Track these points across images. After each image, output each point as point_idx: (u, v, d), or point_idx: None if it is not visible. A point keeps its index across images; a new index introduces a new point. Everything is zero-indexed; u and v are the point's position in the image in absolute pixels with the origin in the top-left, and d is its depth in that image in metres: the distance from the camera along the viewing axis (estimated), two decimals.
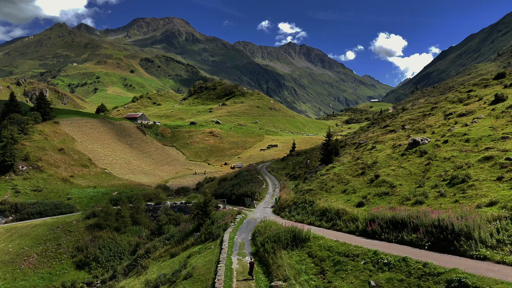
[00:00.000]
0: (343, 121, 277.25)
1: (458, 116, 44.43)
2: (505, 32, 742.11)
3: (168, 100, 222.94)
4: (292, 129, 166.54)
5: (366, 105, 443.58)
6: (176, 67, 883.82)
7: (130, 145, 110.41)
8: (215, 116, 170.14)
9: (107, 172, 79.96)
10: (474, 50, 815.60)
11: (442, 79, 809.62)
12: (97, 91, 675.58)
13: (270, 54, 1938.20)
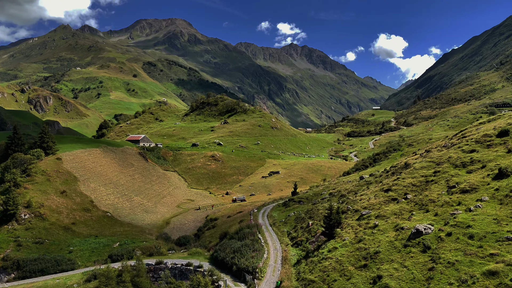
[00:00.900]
0: (345, 134, 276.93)
1: (461, 192, 44.21)
2: (507, 36, 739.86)
3: (170, 116, 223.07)
4: (294, 150, 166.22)
5: (367, 113, 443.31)
6: (178, 71, 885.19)
7: (132, 176, 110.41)
8: (216, 136, 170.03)
9: (109, 216, 79.92)
10: (476, 53, 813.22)
11: (444, 83, 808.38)
12: (100, 96, 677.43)
13: (272, 55, 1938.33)
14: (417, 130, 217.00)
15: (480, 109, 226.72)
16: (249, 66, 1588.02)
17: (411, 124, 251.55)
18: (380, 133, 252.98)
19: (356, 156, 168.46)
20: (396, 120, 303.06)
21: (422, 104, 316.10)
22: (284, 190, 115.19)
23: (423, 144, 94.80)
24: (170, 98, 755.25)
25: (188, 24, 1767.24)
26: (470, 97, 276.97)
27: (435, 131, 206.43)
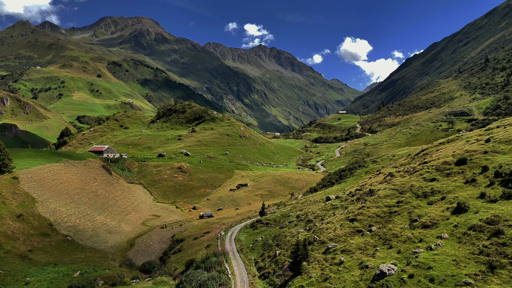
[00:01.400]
0: (312, 139, 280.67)
1: (422, 227, 45.48)
2: (465, 43, 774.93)
3: (136, 122, 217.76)
4: (262, 160, 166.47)
5: (334, 117, 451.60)
6: (144, 71, 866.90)
7: (95, 192, 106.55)
8: (184, 146, 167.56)
9: (69, 240, 76.60)
10: (436, 59, 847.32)
11: (407, 87, 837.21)
12: (62, 97, 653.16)
13: (241, 56, 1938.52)
14: (381, 138, 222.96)
15: (440, 117, 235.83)
16: (218, 66, 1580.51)
17: (375, 131, 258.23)
18: (346, 140, 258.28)
19: (323, 165, 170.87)
20: (361, 126, 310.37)
21: (386, 111, 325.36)
22: (252, 204, 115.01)
23: (387, 161, 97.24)
24: (136, 99, 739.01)
25: (155, 23, 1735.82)
26: (431, 104, 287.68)
27: (398, 139, 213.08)
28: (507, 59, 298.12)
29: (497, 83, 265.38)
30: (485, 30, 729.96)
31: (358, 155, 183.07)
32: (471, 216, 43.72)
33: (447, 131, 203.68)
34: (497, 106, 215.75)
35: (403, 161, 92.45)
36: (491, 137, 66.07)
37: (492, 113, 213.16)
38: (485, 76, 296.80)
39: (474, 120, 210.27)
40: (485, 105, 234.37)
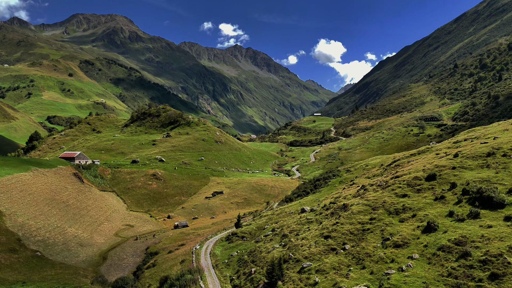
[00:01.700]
0: (287, 143, 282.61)
1: (394, 247, 46.63)
2: (435, 47, 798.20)
3: (109, 126, 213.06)
4: (238, 165, 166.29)
5: (309, 119, 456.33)
6: (118, 71, 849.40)
7: (66, 203, 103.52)
8: (158, 151, 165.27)
9: (39, 256, 74.09)
10: (408, 62, 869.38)
11: (380, 90, 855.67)
12: (31, 96, 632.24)
13: (217, 56, 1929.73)
14: (355, 142, 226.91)
15: (411, 122, 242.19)
16: (193, 66, 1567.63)
17: (349, 135, 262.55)
18: (320, 143, 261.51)
19: (298, 171, 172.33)
20: (335, 129, 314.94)
21: (360, 114, 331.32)
22: (228, 212, 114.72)
23: (360, 171, 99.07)
24: (109, 99, 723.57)
25: (129, 21, 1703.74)
26: (402, 109, 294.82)
27: (371, 143, 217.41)
28: (475, 65, 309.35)
29: (465, 89, 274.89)
30: (454, 35, 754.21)
31: (333, 160, 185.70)
32: (440, 236, 45.14)
33: (418, 136, 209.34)
34: (465, 112, 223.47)
35: (376, 172, 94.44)
36: (459, 151, 68.36)
37: (460, 118, 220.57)
38: (453, 81, 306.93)
39: (444, 125, 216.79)
40: (453, 110, 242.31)
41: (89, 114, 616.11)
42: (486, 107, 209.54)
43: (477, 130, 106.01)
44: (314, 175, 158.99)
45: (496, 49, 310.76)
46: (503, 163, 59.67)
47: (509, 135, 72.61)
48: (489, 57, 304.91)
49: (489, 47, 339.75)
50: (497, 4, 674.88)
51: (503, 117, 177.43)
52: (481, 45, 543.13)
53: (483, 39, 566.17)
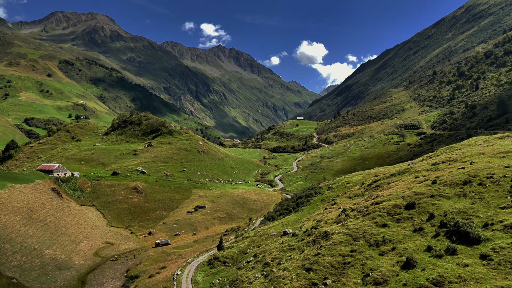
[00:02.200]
0: (270, 149, 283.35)
1: (374, 284, 47.19)
2: (415, 51, 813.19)
3: (89, 134, 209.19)
4: (221, 176, 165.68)
5: (292, 123, 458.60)
6: (99, 71, 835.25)
7: (43, 221, 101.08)
8: (139, 162, 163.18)
9: (15, 283, 72.11)
10: (389, 65, 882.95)
11: (362, 92, 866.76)
12: (7, 97, 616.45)
13: (200, 56, 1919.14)
14: (337, 150, 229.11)
15: (392, 129, 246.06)
16: (176, 66, 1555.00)
17: (331, 142, 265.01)
18: (303, 150, 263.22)
19: (281, 181, 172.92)
20: (318, 135, 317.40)
21: (342, 120, 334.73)
22: (210, 228, 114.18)
23: (341, 189, 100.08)
24: (90, 100, 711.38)
25: (110, 20, 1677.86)
26: (383, 115, 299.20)
27: (352, 151, 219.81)
28: (453, 73, 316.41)
29: (443, 97, 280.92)
30: (433, 39, 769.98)
31: (315, 169, 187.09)
32: (419, 274, 45.90)
33: (398, 145, 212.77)
34: (443, 120, 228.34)
35: (357, 191, 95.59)
36: (437, 177, 69.63)
37: (438, 127, 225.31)
38: (432, 88, 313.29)
39: (423, 133, 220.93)
40: (432, 118, 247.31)
41: (68, 116, 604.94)
42: (463, 116, 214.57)
43: (454, 148, 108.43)
44: (296, 186, 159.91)
45: (473, 57, 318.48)
46: (479, 192, 61.13)
47: (485, 160, 74.45)
48: (466, 65, 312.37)
49: (467, 55, 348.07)
50: (474, 10, 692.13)
51: (479, 128, 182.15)
52: (459, 50, 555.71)
53: (461, 44, 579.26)
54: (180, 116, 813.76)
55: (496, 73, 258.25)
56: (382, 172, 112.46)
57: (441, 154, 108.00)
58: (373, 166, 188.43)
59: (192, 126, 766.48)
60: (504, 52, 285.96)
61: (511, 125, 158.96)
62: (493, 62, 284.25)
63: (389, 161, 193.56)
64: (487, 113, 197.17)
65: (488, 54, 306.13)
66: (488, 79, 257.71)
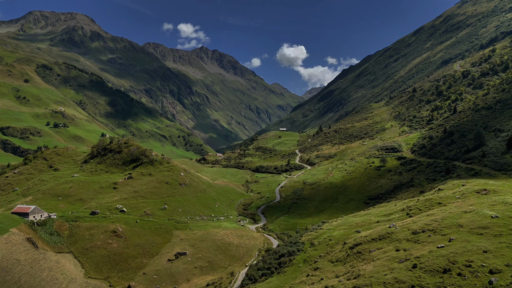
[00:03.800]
0: (253, 168, 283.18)
1: None
2: (396, 59, 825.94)
3: (67, 162, 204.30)
4: (203, 211, 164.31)
5: (275, 135, 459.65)
6: (78, 76, 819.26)
7: (17, 283, 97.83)
8: (119, 198, 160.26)
9: None
10: (370, 72, 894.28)
11: (343, 99, 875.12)
12: None
13: (182, 58, 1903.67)
14: (319, 174, 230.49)
15: (373, 152, 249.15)
16: (158, 68, 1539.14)
17: (313, 163, 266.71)
18: (286, 171, 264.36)
19: (263, 214, 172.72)
20: (300, 153, 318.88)
21: (324, 137, 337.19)
22: (192, 281, 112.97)
23: (324, 247, 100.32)
24: (69, 107, 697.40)
25: (90, 20, 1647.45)
26: (364, 134, 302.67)
27: (334, 176, 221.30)
28: (432, 91, 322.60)
29: (422, 117, 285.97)
30: (413, 48, 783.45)
31: (297, 199, 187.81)
32: None
33: (379, 170, 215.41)
34: (422, 145, 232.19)
35: (339, 254, 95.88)
36: (417, 259, 70.11)
37: (418, 151, 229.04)
38: (412, 107, 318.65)
39: (403, 158, 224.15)
40: (412, 141, 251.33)
41: (46, 124, 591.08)
42: (442, 143, 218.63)
43: (433, 201, 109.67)
44: (279, 222, 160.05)
45: (451, 76, 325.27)
46: (458, 286, 61.93)
47: (464, 239, 75.22)
48: (445, 84, 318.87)
49: (445, 72, 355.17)
50: (452, 20, 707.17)
51: (457, 159, 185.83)
52: (437, 61, 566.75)
53: (439, 55, 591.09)
54: (162, 123, 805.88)
55: (473, 96, 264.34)
56: (363, 223, 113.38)
57: (421, 206, 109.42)
58: (355, 196, 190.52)
59: (174, 133, 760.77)
60: (480, 73, 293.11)
61: (487, 160, 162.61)
62: (470, 83, 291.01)
63: (370, 190, 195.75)
64: (464, 142, 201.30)
65: (465, 73, 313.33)
66: (466, 102, 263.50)
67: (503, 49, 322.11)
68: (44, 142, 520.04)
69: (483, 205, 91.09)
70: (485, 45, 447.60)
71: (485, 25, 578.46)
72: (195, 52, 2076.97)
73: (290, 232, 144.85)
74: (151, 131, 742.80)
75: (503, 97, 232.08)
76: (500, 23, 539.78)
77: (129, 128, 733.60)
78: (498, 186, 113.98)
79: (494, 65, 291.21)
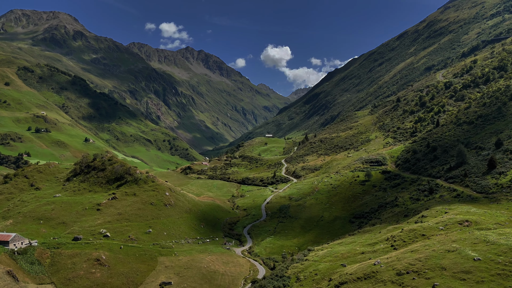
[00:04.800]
0: (239, 180, 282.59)
1: None
2: (380, 63, 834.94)
3: (49, 180, 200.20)
4: (188, 234, 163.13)
5: (261, 141, 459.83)
6: (61, 79, 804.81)
7: None
8: (103, 221, 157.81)
9: None
10: (355, 76, 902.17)
11: (329, 102, 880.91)
12: None
13: (168, 58, 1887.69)
14: (305, 189, 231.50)
15: (358, 164, 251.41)
16: (143, 69, 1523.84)
17: (299, 175, 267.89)
18: (272, 184, 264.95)
19: (249, 235, 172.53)
20: (286, 163, 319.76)
21: (309, 147, 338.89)
22: None
23: (309, 281, 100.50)
24: (51, 111, 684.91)
25: (73, 19, 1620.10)
26: (349, 145, 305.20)
27: (320, 192, 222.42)
28: (415, 101, 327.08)
29: (406, 129, 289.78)
30: (397, 52, 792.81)
31: (283, 218, 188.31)
32: None
33: (364, 185, 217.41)
34: (406, 159, 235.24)
35: None
36: None
37: (402, 166, 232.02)
38: (396, 117, 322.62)
39: (388, 172, 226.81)
40: (396, 154, 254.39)
41: (28, 129, 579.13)
42: (425, 158, 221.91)
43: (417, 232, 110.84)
44: (265, 244, 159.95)
45: (434, 87, 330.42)
46: None
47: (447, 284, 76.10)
48: (428, 94, 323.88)
49: (428, 82, 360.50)
50: (435, 26, 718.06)
51: (440, 176, 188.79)
52: (421, 68, 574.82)
53: (422, 61, 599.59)
54: (147, 127, 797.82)
55: (456, 109, 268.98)
56: (349, 254, 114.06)
57: (406, 238, 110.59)
58: (340, 214, 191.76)
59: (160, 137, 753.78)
60: (462, 85, 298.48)
61: (469, 180, 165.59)
62: (452, 95, 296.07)
63: (355, 207, 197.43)
64: (447, 159, 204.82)
65: (448, 84, 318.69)
66: (448, 114, 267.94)
67: (484, 60, 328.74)
68: (25, 148, 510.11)
69: (466, 242, 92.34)
70: (467, 53, 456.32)
71: (467, 32, 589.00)
72: (180, 53, 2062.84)
73: (276, 256, 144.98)
74: (135, 135, 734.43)
75: (484, 112, 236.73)
76: (482, 30, 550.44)
77: (113, 132, 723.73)
78: (480, 215, 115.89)
79: (476, 77, 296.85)
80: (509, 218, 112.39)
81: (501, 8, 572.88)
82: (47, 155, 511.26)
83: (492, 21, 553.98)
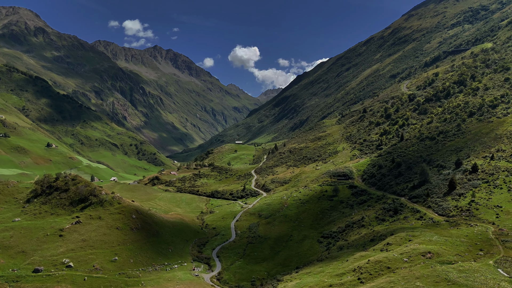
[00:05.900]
0: (209, 193, 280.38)
1: None
2: (347, 68, 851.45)
3: (8, 201, 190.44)
4: (156, 259, 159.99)
5: (231, 148, 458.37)
6: (21, 80, 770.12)
7: None
8: (66, 249, 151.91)
9: None
10: (323, 80, 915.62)
11: (298, 106, 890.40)
12: None
13: (135, 57, 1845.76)
14: (274, 205, 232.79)
15: (325, 178, 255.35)
16: (109, 68, 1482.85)
17: (269, 189, 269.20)
18: (242, 197, 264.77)
19: (218, 258, 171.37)
20: (256, 174, 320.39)
21: (279, 157, 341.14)
22: None
23: None
24: (10, 114, 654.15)
25: (35, 15, 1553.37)
26: (318, 157, 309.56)
27: (289, 208, 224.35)
28: (381, 113, 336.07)
29: (372, 141, 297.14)
30: (363, 57, 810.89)
31: (253, 238, 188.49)
32: None
33: (332, 201, 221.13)
34: (372, 174, 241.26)
35: None
36: None
37: (368, 180, 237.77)
38: (363, 129, 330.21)
39: (354, 187, 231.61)
40: (362, 167, 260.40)
41: None
42: (390, 173, 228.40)
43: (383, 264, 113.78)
44: (234, 269, 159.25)
45: (399, 99, 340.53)
46: None
47: None
48: (393, 106, 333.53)
49: (393, 93, 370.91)
50: (399, 33, 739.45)
51: (404, 195, 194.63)
52: (386, 75, 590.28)
53: (388, 69, 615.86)
54: (113, 130, 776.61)
55: (419, 124, 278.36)
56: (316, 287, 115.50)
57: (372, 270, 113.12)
58: (308, 233, 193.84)
59: (126, 141, 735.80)
60: (425, 99, 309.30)
61: (431, 200, 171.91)
62: (416, 108, 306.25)
63: (323, 224, 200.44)
64: (411, 176, 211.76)
65: (411, 97, 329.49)
66: (412, 128, 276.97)
67: (445, 74, 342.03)
68: None
69: (428, 280, 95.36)
70: (429, 63, 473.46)
71: (429, 41, 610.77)
72: (148, 51, 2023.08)
73: (245, 283, 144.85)
74: (101, 139, 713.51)
75: (444, 128, 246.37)
76: (443, 39, 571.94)
77: (77, 137, 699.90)
78: (441, 245, 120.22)
79: (437, 91, 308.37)
80: (468, 248, 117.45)
81: (461, 18, 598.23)
82: (6, 162, 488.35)
83: (452, 31, 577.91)
